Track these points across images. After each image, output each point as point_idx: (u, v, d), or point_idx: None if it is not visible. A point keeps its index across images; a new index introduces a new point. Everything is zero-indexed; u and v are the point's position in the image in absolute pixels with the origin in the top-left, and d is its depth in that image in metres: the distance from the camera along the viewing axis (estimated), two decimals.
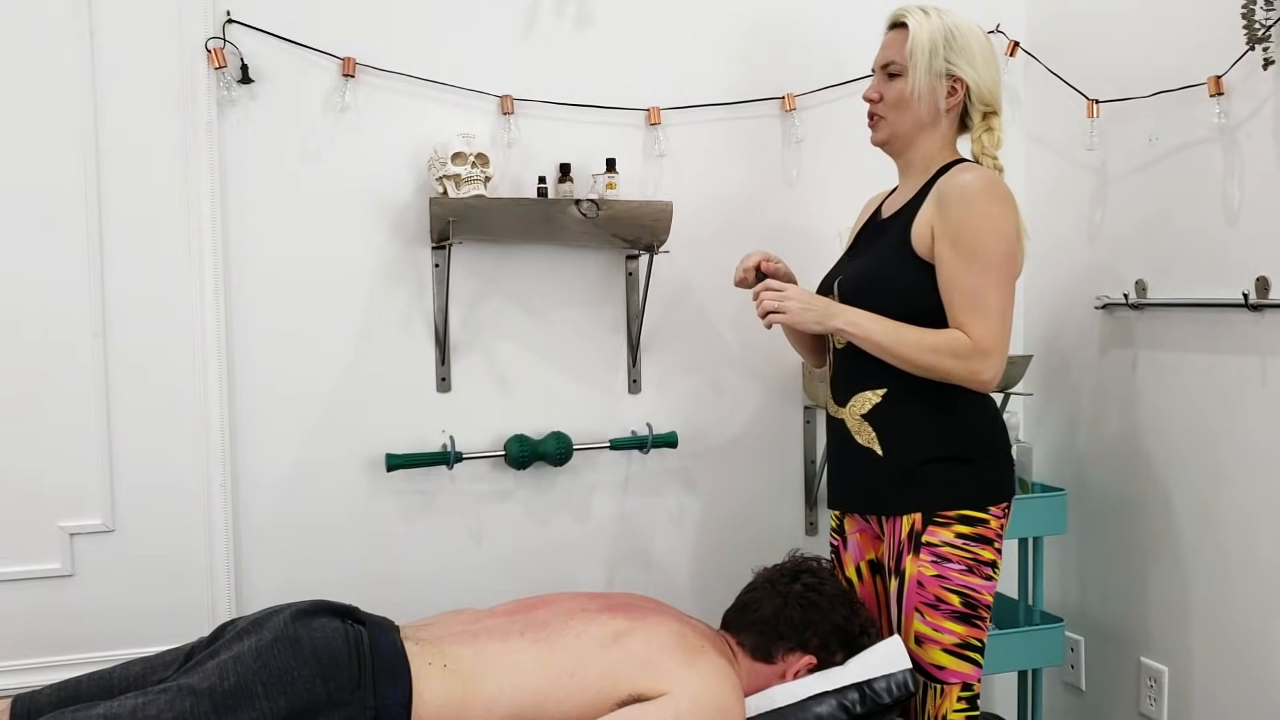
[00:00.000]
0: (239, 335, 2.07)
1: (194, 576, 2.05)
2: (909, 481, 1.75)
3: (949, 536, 1.72)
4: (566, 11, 2.23)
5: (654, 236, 2.16)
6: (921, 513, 1.74)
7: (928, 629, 1.73)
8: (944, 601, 1.72)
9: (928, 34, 1.75)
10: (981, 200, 1.68)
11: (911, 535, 1.74)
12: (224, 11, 2.02)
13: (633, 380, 2.33)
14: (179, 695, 1.48)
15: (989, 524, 1.74)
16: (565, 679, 1.60)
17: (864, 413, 1.78)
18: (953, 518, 1.72)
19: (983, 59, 1.78)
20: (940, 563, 1.72)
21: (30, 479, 1.97)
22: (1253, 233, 1.95)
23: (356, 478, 2.16)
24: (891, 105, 1.79)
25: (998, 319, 1.68)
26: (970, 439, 1.76)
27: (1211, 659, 2.08)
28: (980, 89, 1.78)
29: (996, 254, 1.67)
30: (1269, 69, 1.88)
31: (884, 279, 1.76)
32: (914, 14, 1.77)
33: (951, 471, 1.74)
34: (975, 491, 1.74)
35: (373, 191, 2.14)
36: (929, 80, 1.75)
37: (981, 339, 1.67)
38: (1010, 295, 1.70)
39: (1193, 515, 2.11)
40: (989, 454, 1.78)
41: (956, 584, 1.72)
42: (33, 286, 1.95)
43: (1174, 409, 2.14)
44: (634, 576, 2.33)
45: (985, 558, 1.74)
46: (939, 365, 1.69)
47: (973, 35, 1.78)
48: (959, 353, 1.68)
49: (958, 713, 1.74)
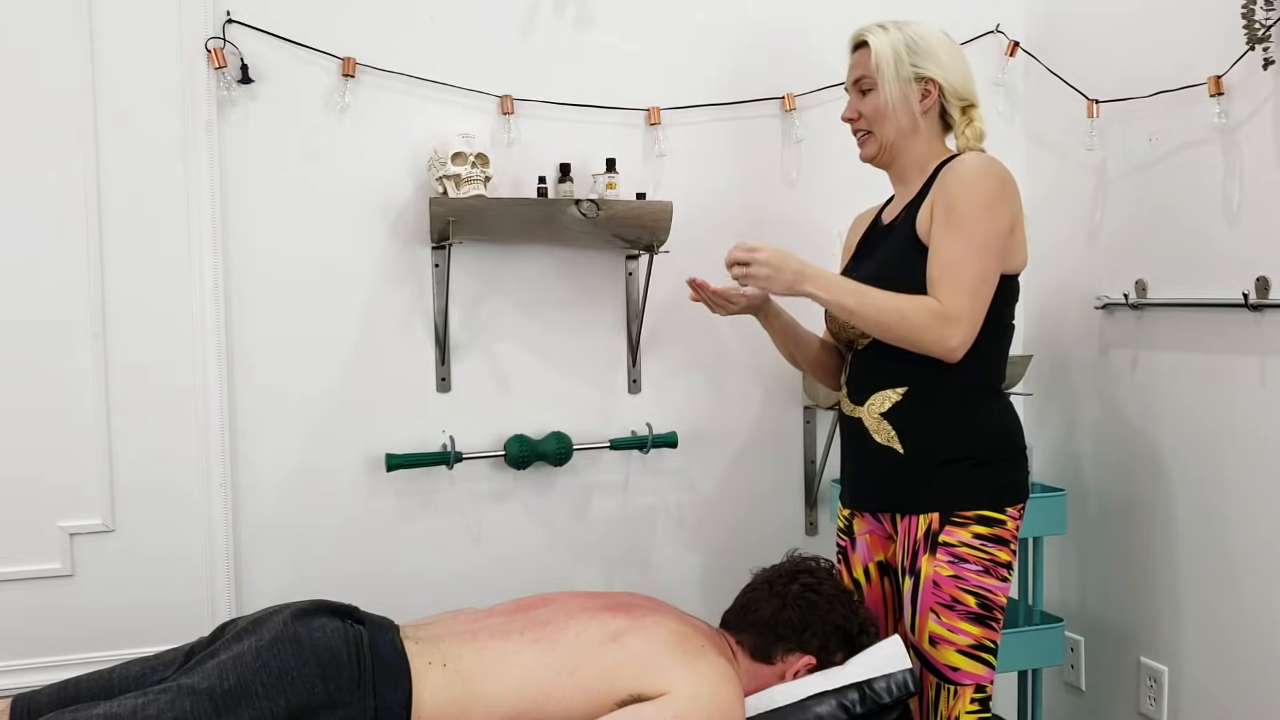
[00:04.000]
0: (239, 335, 2.07)
1: (194, 576, 2.05)
2: (929, 480, 1.74)
3: (966, 537, 1.72)
4: (566, 11, 2.23)
5: (654, 236, 2.16)
6: (940, 512, 1.73)
7: (943, 630, 1.72)
8: (960, 602, 1.71)
9: (889, 45, 1.78)
10: (974, 175, 1.70)
11: (928, 535, 1.74)
12: (224, 11, 2.03)
13: (633, 380, 2.33)
14: (179, 695, 1.48)
15: (1005, 525, 1.74)
16: (565, 678, 1.60)
17: (883, 411, 1.77)
18: (970, 518, 1.72)
19: (948, 56, 1.80)
20: (957, 563, 1.71)
21: (30, 479, 1.97)
22: (1253, 233, 1.95)
23: (356, 478, 2.16)
24: (871, 119, 1.82)
25: (971, 288, 1.67)
26: (990, 439, 1.76)
27: (1211, 659, 2.08)
28: (952, 84, 1.80)
29: (982, 227, 1.68)
30: (1269, 69, 1.88)
31: (891, 276, 1.75)
32: (873, 31, 1.81)
33: (971, 472, 1.73)
34: (994, 492, 1.74)
35: (373, 191, 2.14)
36: (900, 87, 1.78)
37: (951, 305, 1.67)
38: (991, 269, 1.69)
39: (1193, 515, 2.11)
40: (1008, 455, 1.77)
41: (973, 585, 1.71)
42: (33, 286, 1.95)
43: (1174, 409, 2.14)
44: (634, 576, 2.33)
45: (1001, 559, 1.73)
46: (906, 328, 1.68)
47: (934, 37, 1.80)
48: (927, 318, 1.67)
49: (970, 714, 1.74)
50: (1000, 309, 1.76)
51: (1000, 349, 1.81)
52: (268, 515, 2.11)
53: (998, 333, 1.78)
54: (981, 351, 1.73)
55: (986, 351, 1.75)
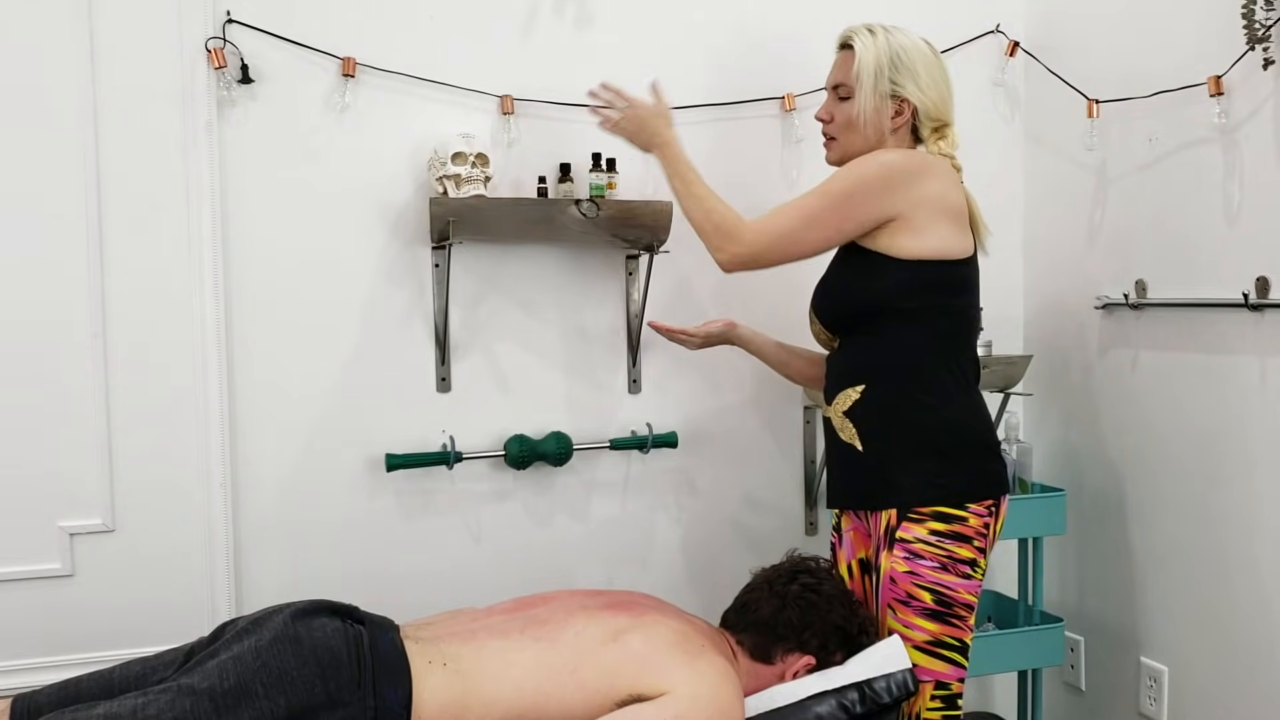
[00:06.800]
0: (239, 335, 2.07)
1: (194, 576, 2.05)
2: (886, 477, 1.75)
3: (922, 533, 1.71)
4: (566, 11, 2.23)
5: (654, 236, 2.16)
6: (896, 509, 1.73)
7: (899, 625, 1.73)
8: (915, 598, 1.71)
9: (873, 56, 1.77)
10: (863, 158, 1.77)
11: (888, 530, 1.74)
12: (224, 11, 2.02)
13: (633, 380, 2.33)
14: (179, 695, 1.48)
15: (967, 521, 1.72)
16: (565, 678, 1.60)
17: (845, 409, 1.79)
18: (927, 514, 1.71)
19: (929, 78, 1.79)
20: (912, 559, 1.71)
21: (30, 479, 1.97)
22: (1253, 233, 1.95)
23: (356, 478, 2.16)
24: (841, 127, 1.83)
25: (780, 224, 1.75)
26: (948, 434, 1.75)
27: (1211, 659, 2.08)
28: (927, 108, 1.79)
29: (831, 185, 1.74)
30: (1269, 69, 1.88)
31: (832, 280, 1.85)
32: (860, 35, 1.79)
33: (926, 467, 1.73)
34: (950, 488, 1.72)
35: (373, 191, 2.14)
36: (875, 102, 1.78)
37: (750, 227, 1.75)
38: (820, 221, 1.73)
39: (1192, 515, 2.10)
40: (968, 449, 1.76)
41: (928, 581, 1.71)
42: (33, 286, 1.95)
43: (1173, 409, 2.14)
44: (634, 576, 2.33)
45: (962, 555, 1.71)
46: (701, 225, 1.80)
47: (919, 54, 1.79)
48: (719, 223, 1.77)
49: (933, 711, 1.74)
50: (945, 298, 1.75)
51: (956, 342, 1.79)
52: (268, 515, 2.11)
53: (950, 324, 1.77)
54: (936, 344, 1.75)
55: (941, 345, 1.75)
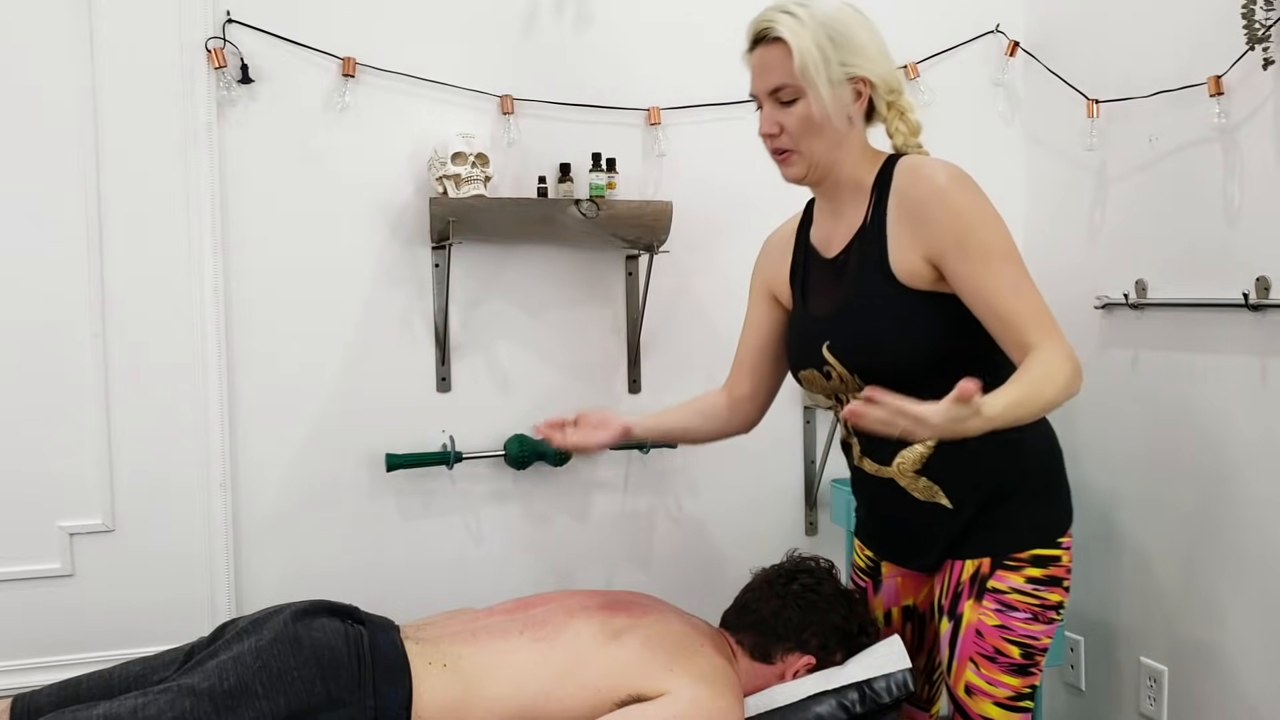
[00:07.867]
0: (239, 335, 2.07)
1: (194, 576, 2.05)
2: (979, 525, 1.59)
3: (1018, 582, 1.56)
4: (566, 11, 2.23)
5: (654, 236, 2.16)
6: (991, 557, 1.58)
7: (981, 681, 1.60)
8: (1003, 654, 1.58)
9: (811, 41, 1.48)
10: (956, 193, 1.48)
11: (975, 579, 1.58)
12: (224, 11, 2.03)
13: (633, 380, 2.33)
14: (179, 695, 1.48)
15: (1060, 561, 1.59)
16: (565, 678, 1.60)
17: (918, 469, 1.59)
18: (1025, 560, 1.57)
19: (873, 45, 1.54)
20: (1004, 611, 1.56)
21: (30, 479, 1.97)
22: (1253, 233, 1.95)
23: (356, 477, 2.16)
24: (799, 134, 1.54)
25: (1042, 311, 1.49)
26: (1034, 468, 1.61)
27: (1211, 659, 2.08)
28: (884, 78, 1.55)
29: (1007, 242, 1.49)
30: (1269, 69, 1.88)
31: (888, 329, 1.53)
32: (783, 22, 1.50)
33: (1021, 508, 1.58)
34: (1046, 525, 1.59)
35: (373, 191, 2.14)
36: (833, 92, 1.51)
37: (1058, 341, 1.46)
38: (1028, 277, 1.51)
39: (1193, 515, 2.10)
40: (1054, 480, 1.64)
41: (1019, 635, 1.57)
42: (33, 286, 1.95)
43: (1174, 409, 2.14)
44: (634, 576, 2.33)
45: (1052, 601, 1.58)
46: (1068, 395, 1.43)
47: (850, 20, 1.53)
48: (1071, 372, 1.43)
49: None
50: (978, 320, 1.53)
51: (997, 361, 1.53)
52: (268, 514, 2.11)
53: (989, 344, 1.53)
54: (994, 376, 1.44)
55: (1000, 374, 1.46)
